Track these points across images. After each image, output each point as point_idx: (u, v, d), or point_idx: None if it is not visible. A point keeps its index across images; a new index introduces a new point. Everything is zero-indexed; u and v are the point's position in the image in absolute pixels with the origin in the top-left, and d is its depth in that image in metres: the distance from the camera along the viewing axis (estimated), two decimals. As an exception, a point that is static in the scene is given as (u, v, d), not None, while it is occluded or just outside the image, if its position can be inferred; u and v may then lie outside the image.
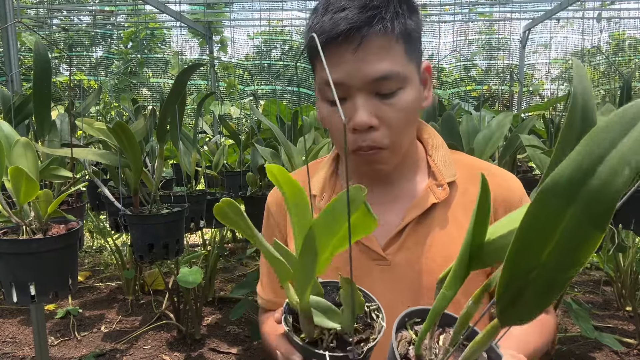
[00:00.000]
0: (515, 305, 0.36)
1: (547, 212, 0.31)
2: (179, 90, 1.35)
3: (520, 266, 0.34)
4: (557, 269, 0.33)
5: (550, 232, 0.32)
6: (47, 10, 5.29)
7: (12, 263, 1.06)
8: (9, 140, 1.17)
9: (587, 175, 0.29)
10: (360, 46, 0.69)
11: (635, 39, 6.21)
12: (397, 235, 0.81)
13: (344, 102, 0.74)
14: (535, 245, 0.33)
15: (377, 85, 0.71)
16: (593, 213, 0.30)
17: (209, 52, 5.01)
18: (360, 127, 0.72)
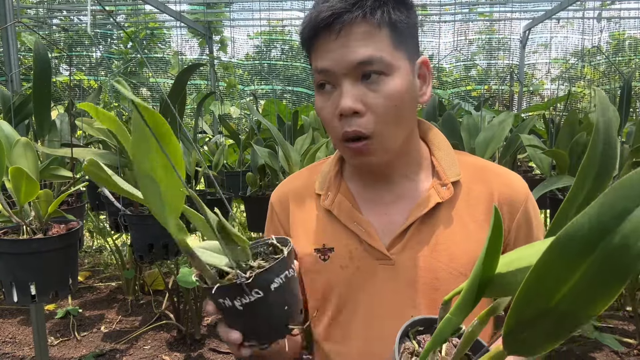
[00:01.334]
0: (521, 343, 0.35)
1: (563, 261, 0.30)
2: (179, 90, 1.35)
3: (529, 309, 0.33)
4: (568, 317, 0.32)
5: (564, 280, 0.30)
6: (47, 10, 5.29)
7: (13, 263, 1.06)
8: (9, 140, 1.17)
9: (607, 231, 0.28)
10: (342, 32, 0.72)
11: (635, 39, 6.21)
12: (401, 235, 0.81)
13: (333, 90, 0.76)
14: (548, 291, 0.32)
15: (361, 69, 0.73)
16: (612, 269, 0.28)
17: (209, 52, 5.02)
18: (345, 112, 0.73)
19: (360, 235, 0.82)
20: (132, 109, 0.45)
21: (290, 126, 2.10)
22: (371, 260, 0.82)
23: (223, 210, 1.96)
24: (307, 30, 0.76)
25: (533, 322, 0.34)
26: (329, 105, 0.77)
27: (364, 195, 0.87)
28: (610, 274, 0.28)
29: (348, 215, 0.84)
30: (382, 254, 0.81)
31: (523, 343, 0.35)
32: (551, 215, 1.66)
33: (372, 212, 0.85)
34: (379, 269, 0.82)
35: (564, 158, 1.47)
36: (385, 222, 0.84)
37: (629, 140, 1.65)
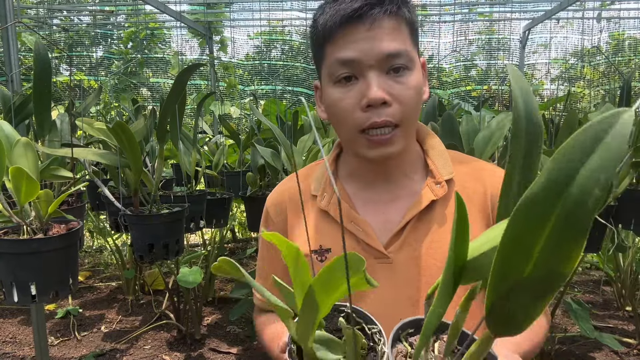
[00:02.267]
0: (505, 321, 0.36)
1: (528, 227, 0.31)
2: (179, 90, 1.35)
3: (504, 282, 0.34)
4: (544, 280, 0.33)
5: (531, 247, 0.32)
6: (47, 10, 5.29)
7: (13, 263, 1.06)
8: (10, 140, 1.17)
9: (562, 189, 0.30)
10: (374, 24, 0.74)
11: (635, 39, 6.21)
12: (399, 233, 0.83)
13: (356, 82, 0.77)
14: (517, 261, 0.33)
15: (389, 61, 0.75)
16: (575, 222, 0.30)
17: (209, 52, 5.02)
18: (375, 103, 0.75)
19: (357, 234, 0.83)
20: (132, 110, 0.44)
21: (291, 126, 2.10)
22: (369, 259, 0.83)
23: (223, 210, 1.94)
24: (332, 20, 0.76)
25: (512, 294, 0.34)
26: (350, 96, 0.77)
27: (360, 196, 0.88)
28: (575, 227, 0.30)
29: (345, 216, 0.85)
30: (380, 253, 0.82)
31: (507, 319, 0.36)
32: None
33: (368, 211, 0.86)
34: (378, 268, 0.82)
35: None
36: (382, 222, 0.85)
37: (629, 140, 1.65)
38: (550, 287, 0.33)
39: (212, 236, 2.96)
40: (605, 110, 1.56)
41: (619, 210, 1.52)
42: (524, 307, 0.35)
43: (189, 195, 1.68)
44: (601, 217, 1.45)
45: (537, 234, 0.31)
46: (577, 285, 3.33)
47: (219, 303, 3.08)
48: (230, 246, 4.14)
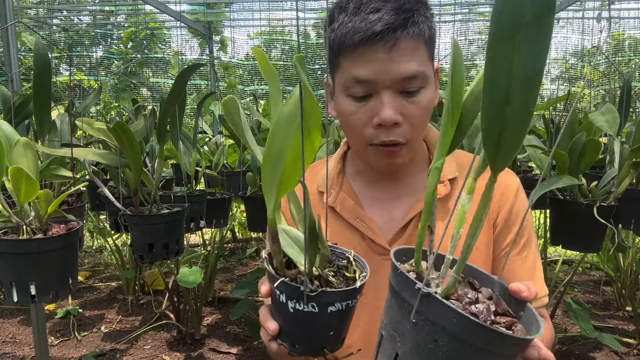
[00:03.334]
0: (499, 148, 0.41)
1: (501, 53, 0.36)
2: (179, 90, 1.35)
3: (494, 107, 0.38)
4: (522, 101, 0.37)
5: (508, 69, 0.36)
6: (47, 10, 5.29)
7: (13, 263, 1.06)
8: (9, 140, 1.17)
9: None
10: (394, 47, 0.73)
11: (635, 39, 6.21)
12: (402, 230, 0.85)
13: (369, 99, 0.77)
14: (501, 85, 0.37)
15: (404, 84, 0.75)
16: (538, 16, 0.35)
17: (209, 52, 5.02)
18: (387, 123, 0.76)
19: (363, 231, 0.85)
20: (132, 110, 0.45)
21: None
22: (374, 256, 0.84)
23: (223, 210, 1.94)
24: (351, 37, 0.75)
25: (501, 121, 0.39)
26: (362, 111, 0.78)
27: (366, 193, 0.90)
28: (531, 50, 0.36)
29: (351, 212, 0.87)
30: (384, 249, 0.84)
31: (499, 149, 0.40)
32: (551, 216, 1.66)
33: (374, 209, 0.88)
34: (382, 264, 0.84)
35: (563, 158, 1.47)
36: (386, 219, 0.87)
37: (629, 140, 1.65)
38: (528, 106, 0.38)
39: (212, 236, 2.96)
40: (606, 111, 1.55)
41: (619, 210, 1.52)
42: (512, 132, 0.39)
43: (189, 195, 1.68)
44: (601, 217, 1.45)
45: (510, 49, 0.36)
46: (577, 285, 3.33)
47: (219, 303, 3.08)
48: (230, 246, 4.13)
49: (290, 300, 0.53)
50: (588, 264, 3.54)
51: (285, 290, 0.53)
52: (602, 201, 1.50)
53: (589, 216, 1.45)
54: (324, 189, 0.91)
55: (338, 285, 0.55)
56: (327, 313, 0.52)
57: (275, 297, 0.55)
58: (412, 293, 0.43)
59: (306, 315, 0.52)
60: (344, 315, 0.55)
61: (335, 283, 0.56)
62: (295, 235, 0.57)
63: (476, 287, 0.51)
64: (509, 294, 0.50)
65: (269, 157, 0.49)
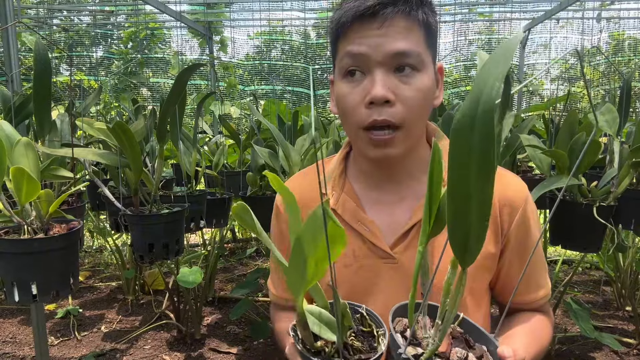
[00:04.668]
0: (466, 244, 0.46)
1: (461, 146, 0.41)
2: (179, 90, 1.35)
3: (457, 202, 0.44)
4: (481, 191, 0.42)
5: (467, 161, 0.41)
6: (47, 10, 5.29)
7: (14, 262, 1.06)
8: (10, 140, 1.17)
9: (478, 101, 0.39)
10: (386, 22, 0.75)
11: (635, 39, 6.21)
12: (405, 235, 0.83)
13: (363, 77, 0.77)
14: (462, 178, 0.42)
15: (397, 60, 0.75)
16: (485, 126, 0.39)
17: (209, 52, 5.02)
18: (378, 100, 0.74)
19: (364, 234, 0.84)
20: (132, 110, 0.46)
21: (291, 126, 2.10)
22: (375, 260, 0.83)
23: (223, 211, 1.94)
24: (346, 16, 0.77)
25: (464, 213, 0.44)
26: (356, 92, 0.77)
27: (368, 196, 0.88)
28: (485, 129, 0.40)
29: (352, 215, 0.85)
30: (386, 254, 0.83)
31: (466, 241, 0.45)
32: (551, 216, 1.67)
33: (375, 212, 0.86)
34: (383, 268, 0.83)
35: (563, 158, 1.47)
36: (388, 222, 0.85)
37: (628, 140, 1.65)
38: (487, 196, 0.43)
39: (212, 236, 2.96)
40: (606, 111, 1.56)
41: (619, 210, 1.52)
42: (477, 222, 0.44)
43: (189, 195, 1.68)
44: (601, 217, 1.45)
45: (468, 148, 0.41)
46: (577, 285, 3.33)
47: (219, 303, 3.08)
48: (230, 246, 4.13)
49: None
50: (588, 264, 3.55)
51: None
52: (601, 201, 1.50)
53: (589, 216, 1.45)
54: (325, 191, 0.89)
55: (362, 347, 0.57)
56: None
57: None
58: (397, 355, 0.50)
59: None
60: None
61: (359, 347, 0.57)
62: (319, 313, 0.58)
63: (471, 344, 0.54)
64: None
65: (294, 265, 0.52)
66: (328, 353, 0.56)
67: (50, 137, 1.54)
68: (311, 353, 0.56)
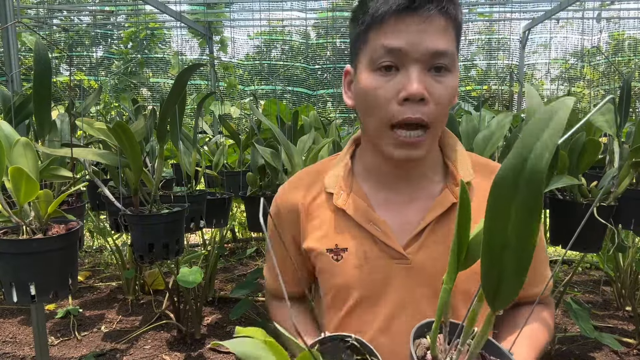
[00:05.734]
0: (498, 291, 0.43)
1: (502, 199, 0.40)
2: (179, 90, 1.35)
3: (493, 251, 0.41)
4: (520, 246, 0.40)
5: (507, 214, 0.39)
6: (47, 10, 5.29)
7: (13, 263, 1.06)
8: (9, 140, 1.17)
9: (524, 162, 0.38)
10: (427, 19, 0.73)
11: (635, 39, 6.21)
12: (418, 235, 0.82)
13: (396, 73, 0.75)
14: (500, 229, 0.40)
15: (434, 59, 0.74)
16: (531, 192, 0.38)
17: (209, 52, 5.02)
18: (414, 97, 0.73)
19: (376, 235, 0.82)
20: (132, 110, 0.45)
21: (291, 126, 2.10)
22: (387, 260, 0.82)
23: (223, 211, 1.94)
24: (385, 6, 0.74)
25: (500, 265, 0.41)
26: (389, 86, 0.75)
27: (377, 195, 0.86)
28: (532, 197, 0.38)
29: (363, 215, 0.83)
30: (399, 254, 0.81)
31: (498, 292, 0.43)
32: (551, 216, 1.67)
33: (386, 211, 0.84)
34: (395, 269, 0.82)
35: (563, 158, 1.47)
36: (400, 222, 0.83)
37: (628, 140, 1.65)
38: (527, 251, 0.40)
39: (212, 236, 2.96)
40: (605, 111, 1.56)
41: (619, 210, 1.52)
42: (511, 275, 0.41)
43: (189, 195, 1.68)
44: (601, 217, 1.45)
45: (511, 197, 0.39)
46: (577, 285, 3.33)
47: (219, 303, 3.08)
48: (230, 246, 4.13)
49: None
50: (588, 264, 3.54)
51: None
52: (601, 201, 1.50)
53: (589, 216, 1.45)
54: (332, 190, 0.87)
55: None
56: None
57: None
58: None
59: None
60: None
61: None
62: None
63: (487, 359, 0.54)
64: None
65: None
66: None
67: (50, 137, 1.54)
68: None
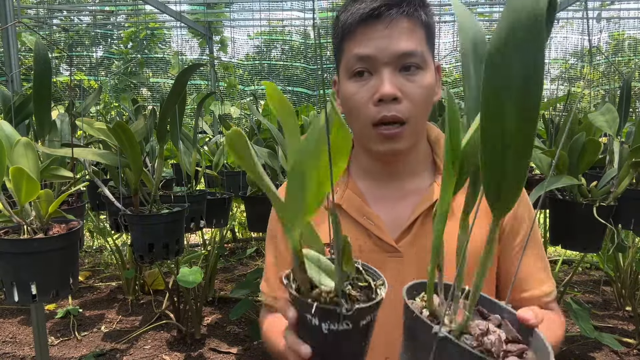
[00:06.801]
0: (499, 197, 0.41)
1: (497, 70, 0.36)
2: (179, 90, 1.35)
3: (492, 142, 0.38)
4: (519, 145, 0.37)
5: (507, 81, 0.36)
6: (47, 10, 5.30)
7: (13, 262, 1.06)
8: (10, 140, 1.17)
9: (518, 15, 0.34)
10: (391, 24, 0.79)
11: (635, 39, 6.21)
12: (409, 228, 0.86)
13: (370, 77, 0.81)
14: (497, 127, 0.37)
15: (403, 60, 0.79)
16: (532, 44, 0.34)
17: (209, 52, 5.02)
18: (387, 97, 0.79)
19: (370, 229, 0.86)
20: (132, 110, 0.44)
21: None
22: (380, 254, 0.86)
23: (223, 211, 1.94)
24: (352, 17, 0.81)
25: (501, 166, 0.39)
26: (364, 90, 0.81)
27: (372, 192, 0.91)
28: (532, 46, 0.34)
29: (358, 210, 0.88)
30: (391, 247, 0.85)
31: (499, 198, 0.40)
32: (551, 216, 1.67)
33: (380, 207, 0.89)
34: (388, 262, 0.85)
35: (563, 158, 1.47)
36: (392, 217, 0.88)
37: (628, 140, 1.65)
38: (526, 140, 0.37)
39: (212, 236, 2.96)
40: (606, 111, 1.56)
41: (619, 210, 1.52)
42: (512, 175, 0.39)
43: (189, 195, 1.68)
44: (601, 217, 1.45)
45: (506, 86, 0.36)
46: (577, 285, 3.33)
47: (219, 303, 3.08)
48: (230, 246, 4.14)
49: (324, 322, 0.53)
50: (588, 264, 3.55)
51: (319, 314, 0.53)
52: (601, 201, 1.50)
53: (589, 216, 1.45)
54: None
55: (360, 298, 0.56)
56: (359, 327, 0.53)
57: (307, 321, 0.55)
58: (429, 336, 0.45)
59: (340, 333, 0.53)
60: (372, 326, 0.56)
61: (356, 296, 0.56)
62: (317, 259, 0.56)
63: (485, 315, 0.53)
64: (516, 320, 0.52)
65: (291, 190, 0.48)
66: (323, 301, 0.54)
67: (50, 137, 1.54)
68: (308, 297, 0.54)
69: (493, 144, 0.38)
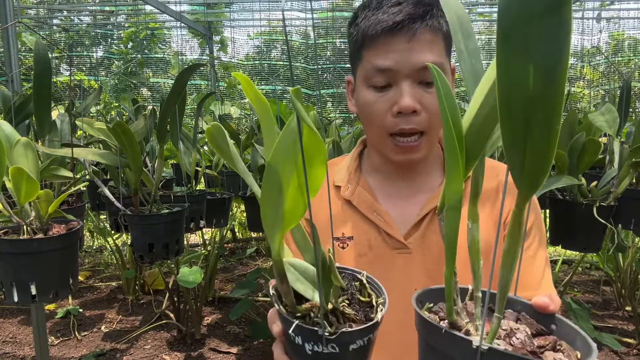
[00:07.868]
0: (523, 174, 0.36)
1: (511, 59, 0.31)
2: (179, 90, 1.35)
3: (516, 125, 0.34)
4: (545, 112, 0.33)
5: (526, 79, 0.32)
6: (47, 10, 5.30)
7: (13, 263, 1.06)
8: (10, 140, 1.17)
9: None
10: (414, 37, 0.78)
11: (635, 39, 6.21)
12: (417, 225, 0.88)
13: (389, 89, 0.81)
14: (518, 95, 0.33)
15: (422, 74, 0.79)
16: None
17: (209, 52, 5.02)
18: (406, 110, 0.79)
19: (379, 225, 0.88)
20: (132, 110, 0.44)
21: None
22: (389, 249, 0.87)
23: (223, 211, 1.94)
24: (374, 28, 0.80)
25: (523, 143, 0.34)
26: (383, 101, 0.81)
27: (382, 190, 0.93)
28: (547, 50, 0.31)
29: (368, 206, 0.90)
30: (400, 243, 0.86)
31: (523, 174, 0.35)
32: (551, 216, 1.67)
33: (390, 204, 0.91)
34: (397, 258, 0.87)
35: (563, 158, 1.47)
36: (401, 213, 0.90)
37: (628, 140, 1.65)
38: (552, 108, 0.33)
39: (212, 236, 2.96)
40: (606, 111, 1.56)
41: (619, 210, 1.52)
42: (536, 153, 0.34)
43: (189, 195, 1.68)
44: (601, 217, 1.45)
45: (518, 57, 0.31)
46: (577, 285, 3.33)
47: (219, 303, 3.08)
48: (230, 246, 4.14)
49: (307, 343, 0.48)
50: (588, 264, 3.54)
51: (301, 333, 0.48)
52: (601, 201, 1.50)
53: (589, 216, 1.45)
54: (340, 183, 0.94)
55: (355, 316, 0.51)
56: (348, 352, 0.48)
57: (290, 339, 0.50)
58: (467, 351, 0.39)
59: (326, 356, 0.47)
60: (365, 349, 0.50)
61: (351, 314, 0.51)
62: (304, 269, 0.51)
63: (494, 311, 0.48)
64: (532, 310, 0.48)
65: (267, 195, 0.44)
66: (312, 318, 0.48)
67: (50, 137, 1.54)
68: (292, 315, 0.49)
69: (513, 114, 0.33)
